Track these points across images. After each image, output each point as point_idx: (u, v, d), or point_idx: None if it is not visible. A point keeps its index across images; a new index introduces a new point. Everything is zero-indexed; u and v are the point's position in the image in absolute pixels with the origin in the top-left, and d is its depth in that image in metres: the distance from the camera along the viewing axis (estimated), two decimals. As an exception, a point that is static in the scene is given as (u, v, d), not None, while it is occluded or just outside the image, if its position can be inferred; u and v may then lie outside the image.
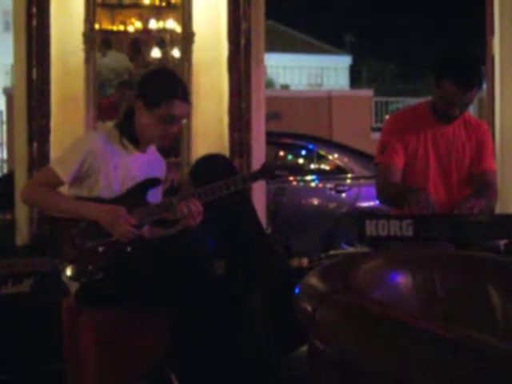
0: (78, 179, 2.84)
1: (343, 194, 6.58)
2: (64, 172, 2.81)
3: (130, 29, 4.91)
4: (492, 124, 4.74)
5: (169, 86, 2.87)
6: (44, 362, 3.40)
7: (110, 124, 3.05)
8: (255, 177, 3.15)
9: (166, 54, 4.95)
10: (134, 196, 2.90)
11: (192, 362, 2.75)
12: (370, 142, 10.59)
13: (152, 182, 2.98)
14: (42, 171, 2.91)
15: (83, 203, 2.81)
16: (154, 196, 2.99)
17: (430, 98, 3.42)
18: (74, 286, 2.90)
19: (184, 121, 3.01)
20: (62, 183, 2.84)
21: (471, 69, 3.17)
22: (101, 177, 2.84)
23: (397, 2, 29.88)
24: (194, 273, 2.76)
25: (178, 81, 2.96)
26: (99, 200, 2.83)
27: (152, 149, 3.07)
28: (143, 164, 2.98)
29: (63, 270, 2.83)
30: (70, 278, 2.81)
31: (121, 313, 2.88)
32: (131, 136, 2.92)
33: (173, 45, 4.89)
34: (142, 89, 2.93)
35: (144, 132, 2.91)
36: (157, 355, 2.83)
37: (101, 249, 2.81)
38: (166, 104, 2.82)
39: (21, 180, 4.44)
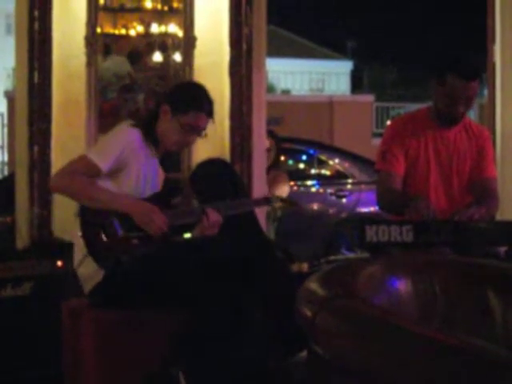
0: (111, 171, 2.90)
1: (344, 199, 6.58)
2: (103, 161, 2.86)
3: (132, 33, 4.92)
4: (493, 130, 4.74)
5: (200, 98, 3.05)
6: (43, 365, 3.40)
7: (130, 122, 3.06)
8: (262, 203, 3.43)
9: (167, 58, 4.95)
10: (162, 199, 2.99)
11: (200, 361, 2.76)
12: (370, 148, 10.58)
13: (177, 190, 3.14)
14: (75, 161, 2.91)
15: (119, 196, 2.89)
16: None
17: (430, 103, 3.43)
18: (89, 284, 2.90)
19: (204, 133, 3.10)
20: (99, 173, 2.87)
21: (472, 61, 3.22)
22: (132, 173, 2.93)
23: (398, 9, 29.91)
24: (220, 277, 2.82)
25: (208, 97, 3.10)
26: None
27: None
28: (157, 166, 3.11)
29: (94, 258, 2.84)
30: (100, 265, 2.84)
31: (121, 315, 2.88)
32: (155, 140, 3.03)
33: (174, 49, 4.89)
34: (173, 95, 3.10)
35: (164, 136, 3.03)
36: (158, 358, 2.82)
37: (135, 241, 2.87)
38: (193, 114, 2.98)
39: (21, 183, 4.44)
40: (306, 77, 23.54)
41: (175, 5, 4.81)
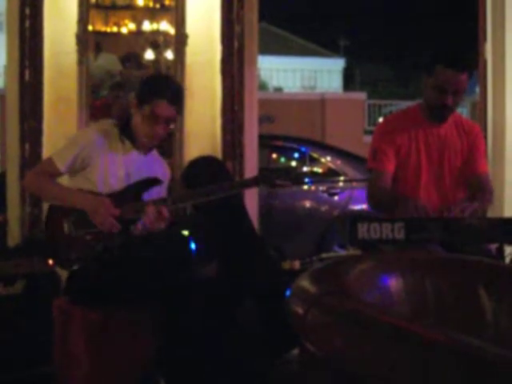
0: (75, 171, 2.98)
1: (336, 197, 6.58)
2: (60, 162, 2.97)
3: (124, 30, 4.91)
4: (484, 127, 4.75)
5: (159, 87, 3.01)
6: (35, 363, 3.39)
7: (108, 121, 3.11)
8: (249, 184, 3.32)
9: (159, 55, 4.95)
10: (132, 192, 2.99)
11: (179, 363, 2.75)
12: (362, 145, 10.58)
13: (152, 182, 3.07)
14: (43, 161, 3.15)
15: (73, 192, 2.96)
16: (160, 195, 3.07)
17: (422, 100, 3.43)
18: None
19: (172, 125, 3.12)
20: (59, 173, 3.00)
21: (462, 51, 3.24)
22: (96, 170, 2.96)
23: (391, 7, 29.94)
24: (172, 273, 2.80)
25: (170, 84, 3.07)
26: (95, 193, 2.93)
27: (154, 152, 3.18)
28: (142, 164, 3.08)
29: (51, 256, 2.90)
30: (56, 264, 2.90)
31: (112, 314, 2.88)
32: (130, 134, 3.04)
33: (166, 47, 4.89)
34: (139, 87, 3.09)
35: (135, 130, 3.04)
36: (148, 356, 2.82)
37: (88, 237, 2.88)
38: (151, 103, 2.96)
39: (13, 181, 4.43)
40: (298, 74, 23.50)
41: (167, 2, 4.80)
